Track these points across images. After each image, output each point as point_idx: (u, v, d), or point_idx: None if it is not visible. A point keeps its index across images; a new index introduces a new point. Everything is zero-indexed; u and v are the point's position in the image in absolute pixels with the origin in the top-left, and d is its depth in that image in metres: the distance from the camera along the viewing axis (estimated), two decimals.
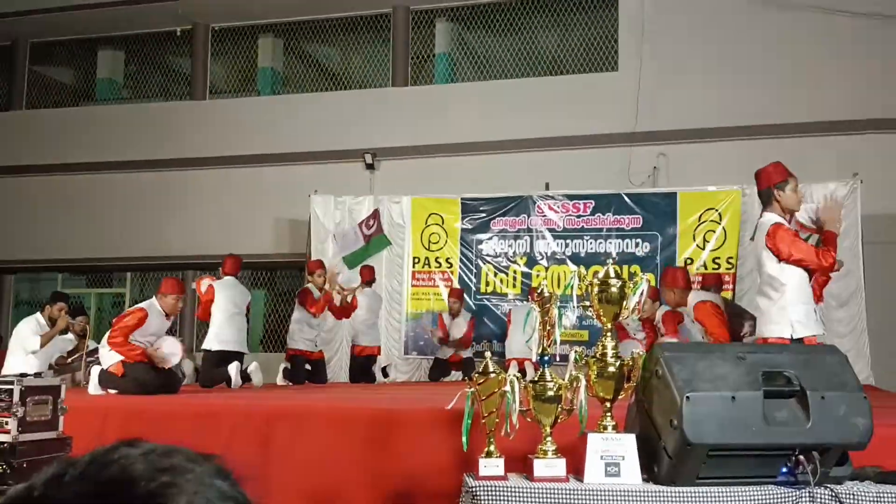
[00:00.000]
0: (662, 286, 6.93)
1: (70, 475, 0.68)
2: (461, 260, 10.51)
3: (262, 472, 3.87)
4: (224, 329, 7.82)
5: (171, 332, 7.05)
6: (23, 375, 3.86)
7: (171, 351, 6.55)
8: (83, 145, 12.65)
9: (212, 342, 7.87)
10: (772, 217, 4.64)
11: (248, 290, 8.47)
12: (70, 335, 8.30)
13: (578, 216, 10.22)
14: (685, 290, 6.76)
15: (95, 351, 7.61)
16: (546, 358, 3.04)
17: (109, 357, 6.39)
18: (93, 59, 13.90)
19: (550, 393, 2.92)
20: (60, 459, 0.71)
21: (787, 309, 4.54)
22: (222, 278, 8.12)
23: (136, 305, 6.78)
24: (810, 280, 4.68)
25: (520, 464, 2.96)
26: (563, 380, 2.98)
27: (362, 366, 9.29)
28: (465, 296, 10.07)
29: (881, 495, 2.66)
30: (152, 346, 6.45)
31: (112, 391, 6.30)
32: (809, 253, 4.52)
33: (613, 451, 2.80)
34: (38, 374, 5.14)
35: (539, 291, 3.17)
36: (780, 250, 4.52)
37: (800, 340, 4.53)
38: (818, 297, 5.71)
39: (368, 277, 9.61)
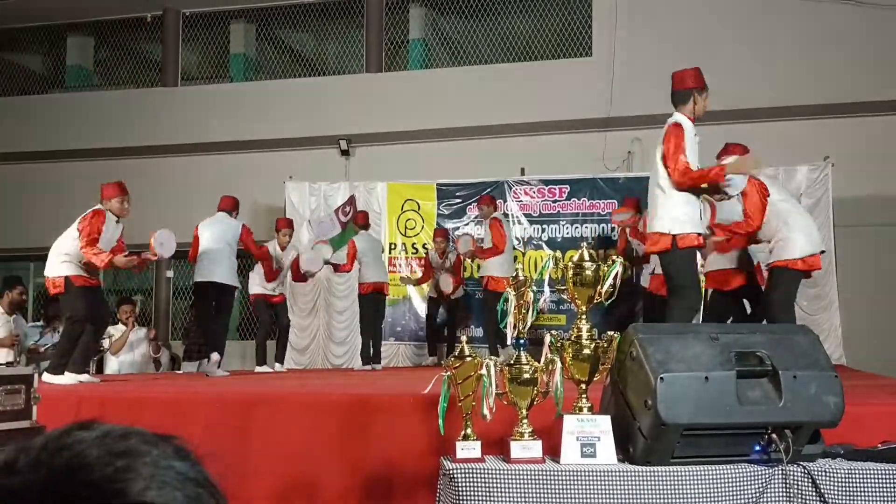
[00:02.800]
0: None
1: (22, 462, 0.65)
2: None
3: (239, 458, 3.86)
4: (203, 262, 7.64)
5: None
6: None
7: (164, 241, 6.63)
8: (54, 133, 12.48)
9: (196, 275, 7.73)
10: (678, 117, 5.00)
11: (238, 223, 8.06)
12: (40, 322, 8.24)
13: (554, 201, 10.25)
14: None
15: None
16: (521, 341, 3.05)
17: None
18: (62, 46, 13.70)
19: (526, 376, 2.93)
20: (13, 446, 0.68)
21: (667, 206, 4.79)
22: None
23: (89, 210, 6.51)
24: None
25: (497, 446, 2.98)
26: (539, 363, 3.00)
27: (371, 305, 9.06)
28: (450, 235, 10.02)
29: (852, 472, 2.70)
30: (135, 256, 6.48)
31: (70, 370, 6.21)
32: (675, 160, 4.78)
33: (589, 432, 2.82)
34: (9, 363, 5.09)
35: (514, 276, 3.18)
36: (665, 147, 4.84)
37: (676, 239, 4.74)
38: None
39: (363, 221, 9.38)
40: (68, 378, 6.16)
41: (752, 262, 6.79)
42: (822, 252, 6.25)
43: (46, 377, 5.83)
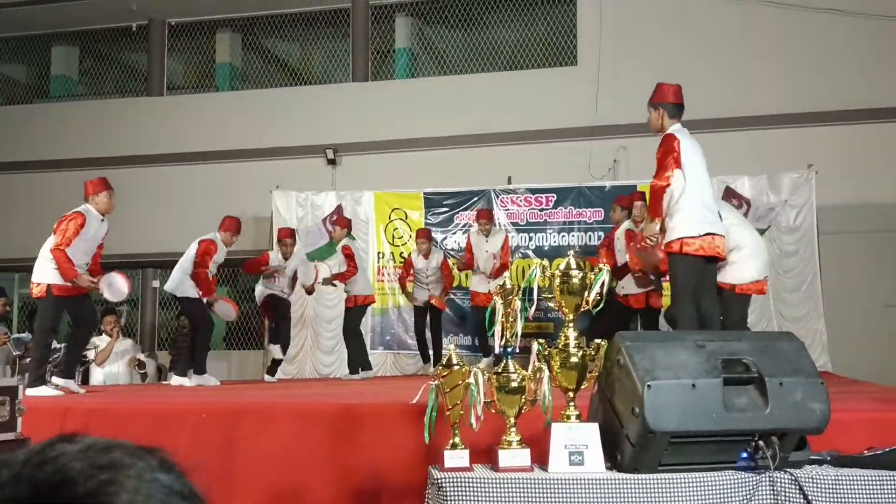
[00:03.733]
0: None
1: (4, 477, 0.65)
2: None
3: (226, 468, 3.84)
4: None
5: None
6: None
7: (118, 288, 6.48)
8: (38, 143, 12.42)
9: None
10: None
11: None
12: (26, 334, 8.19)
13: (541, 209, 10.28)
14: None
15: (55, 351, 7.49)
16: (509, 350, 3.05)
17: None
18: (47, 56, 13.65)
19: (514, 384, 2.93)
20: None
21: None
22: None
23: (70, 211, 6.48)
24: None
25: (485, 455, 2.98)
26: (527, 371, 3.00)
27: (355, 318, 9.04)
28: (432, 235, 9.83)
29: (839, 478, 2.72)
30: (93, 282, 6.36)
31: (58, 376, 6.21)
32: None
33: (577, 440, 2.82)
34: None
35: (501, 285, 3.18)
36: None
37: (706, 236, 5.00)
38: None
39: (345, 226, 9.21)
40: (47, 389, 6.12)
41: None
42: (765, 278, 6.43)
43: (28, 391, 5.80)
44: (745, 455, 2.74)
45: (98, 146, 12.19)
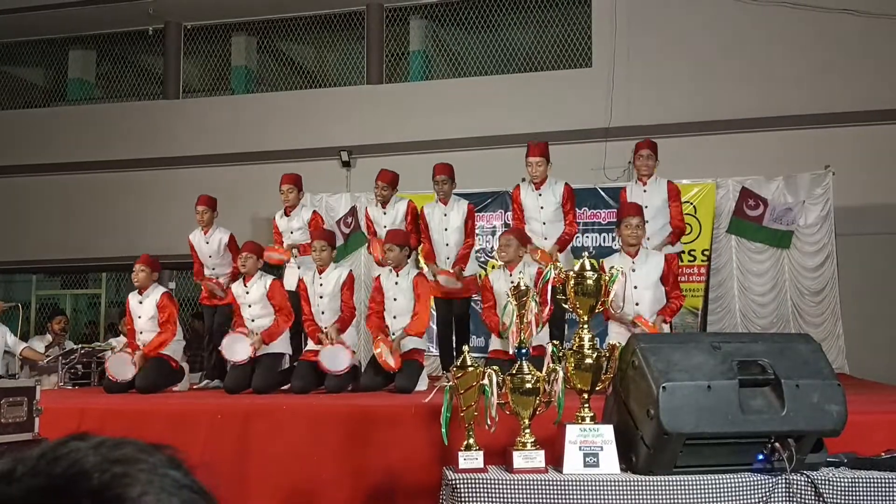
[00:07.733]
0: None
1: (20, 471, 0.67)
2: None
3: (241, 469, 3.86)
4: None
5: None
6: None
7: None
8: (55, 146, 12.51)
9: None
10: None
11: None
12: (47, 335, 8.23)
13: None
14: None
15: (72, 352, 7.54)
16: (523, 351, 3.05)
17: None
18: (64, 59, 13.75)
19: (528, 385, 2.93)
20: (8, 456, 0.69)
21: None
22: None
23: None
24: None
25: (499, 456, 2.98)
26: (541, 372, 2.99)
27: None
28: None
29: (856, 481, 2.70)
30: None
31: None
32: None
33: (592, 441, 2.81)
34: (12, 375, 5.08)
35: (516, 286, 3.18)
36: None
37: None
38: None
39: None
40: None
41: None
42: None
43: None
44: (761, 457, 2.72)
45: (114, 149, 12.26)
